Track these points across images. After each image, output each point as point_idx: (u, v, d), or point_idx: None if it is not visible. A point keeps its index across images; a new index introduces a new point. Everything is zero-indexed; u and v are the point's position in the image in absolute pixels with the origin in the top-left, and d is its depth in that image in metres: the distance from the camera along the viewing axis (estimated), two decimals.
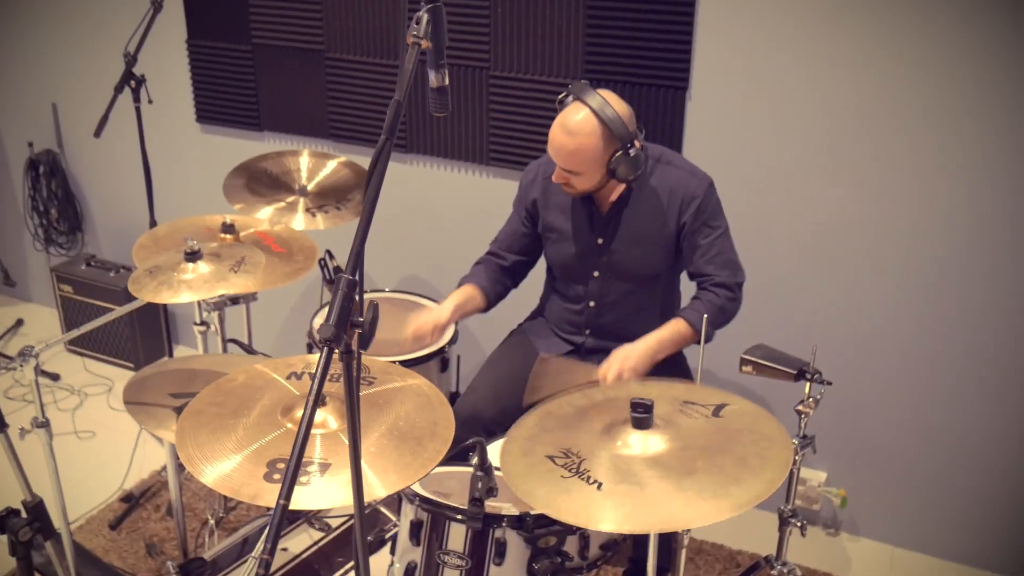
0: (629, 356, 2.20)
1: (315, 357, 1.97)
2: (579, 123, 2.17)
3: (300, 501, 1.53)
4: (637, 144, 2.18)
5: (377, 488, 1.56)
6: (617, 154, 2.18)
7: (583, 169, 2.21)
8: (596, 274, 2.42)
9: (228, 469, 1.57)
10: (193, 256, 2.18)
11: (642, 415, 1.64)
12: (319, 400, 1.14)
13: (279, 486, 1.51)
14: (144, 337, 3.88)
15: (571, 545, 1.89)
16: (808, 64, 2.58)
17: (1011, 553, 2.81)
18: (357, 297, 1.18)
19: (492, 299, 2.50)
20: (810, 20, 2.53)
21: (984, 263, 2.57)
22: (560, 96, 2.24)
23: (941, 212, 2.57)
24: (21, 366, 1.99)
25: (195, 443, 1.63)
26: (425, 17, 1.29)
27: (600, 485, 1.52)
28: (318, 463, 1.59)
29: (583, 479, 1.54)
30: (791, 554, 2.29)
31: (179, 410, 2.01)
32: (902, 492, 2.91)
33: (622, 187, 2.33)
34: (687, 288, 2.47)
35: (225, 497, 3.04)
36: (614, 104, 2.17)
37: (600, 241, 2.38)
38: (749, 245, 2.80)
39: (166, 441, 2.31)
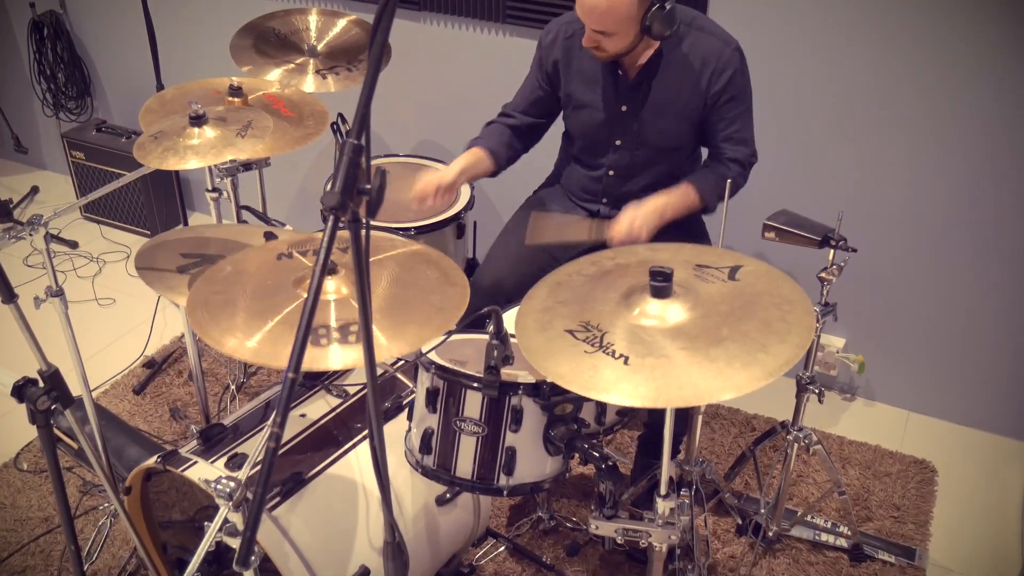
0: (636, 217, 2.16)
1: (318, 236, 1.93)
2: None
3: (318, 362, 1.52)
4: None
5: (389, 350, 1.55)
6: (653, 8, 2.04)
7: (616, 29, 2.07)
8: (618, 143, 2.33)
9: (244, 337, 1.55)
10: (198, 120, 2.11)
11: (661, 283, 1.60)
12: (326, 270, 1.10)
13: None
14: (159, 204, 3.86)
15: (588, 412, 1.89)
16: None
17: None
18: (364, 162, 1.11)
19: (502, 163, 2.41)
20: None
21: (1011, 132, 2.46)
22: None
23: (971, 80, 2.45)
24: (31, 234, 1.96)
25: (208, 312, 1.62)
26: None
27: (627, 359, 1.49)
28: (336, 327, 1.58)
29: (608, 354, 1.51)
30: (806, 419, 2.30)
31: (188, 271, 2.01)
32: (919, 358, 2.90)
33: (651, 52, 2.20)
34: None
35: (245, 363, 3.07)
36: None
37: (624, 108, 2.28)
38: (775, 109, 2.70)
39: (183, 307, 2.32)
